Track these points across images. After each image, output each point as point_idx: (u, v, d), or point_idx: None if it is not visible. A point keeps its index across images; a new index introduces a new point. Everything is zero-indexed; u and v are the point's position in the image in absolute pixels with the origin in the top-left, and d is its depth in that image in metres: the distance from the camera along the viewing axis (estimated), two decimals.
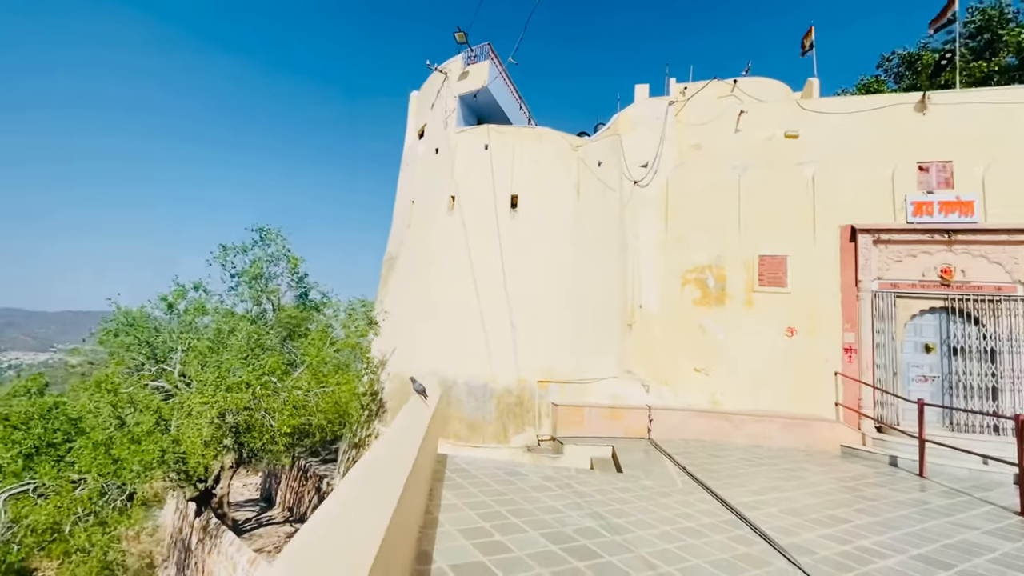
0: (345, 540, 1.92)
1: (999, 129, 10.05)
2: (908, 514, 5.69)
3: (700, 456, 8.15)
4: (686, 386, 10.48)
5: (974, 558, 4.49)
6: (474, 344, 9.57)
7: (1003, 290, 9.36)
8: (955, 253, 9.68)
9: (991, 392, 9.23)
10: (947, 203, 9.82)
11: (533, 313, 9.76)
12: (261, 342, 9.38)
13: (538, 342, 9.66)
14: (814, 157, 10.80)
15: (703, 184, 11.20)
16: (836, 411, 9.82)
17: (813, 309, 10.22)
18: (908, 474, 7.82)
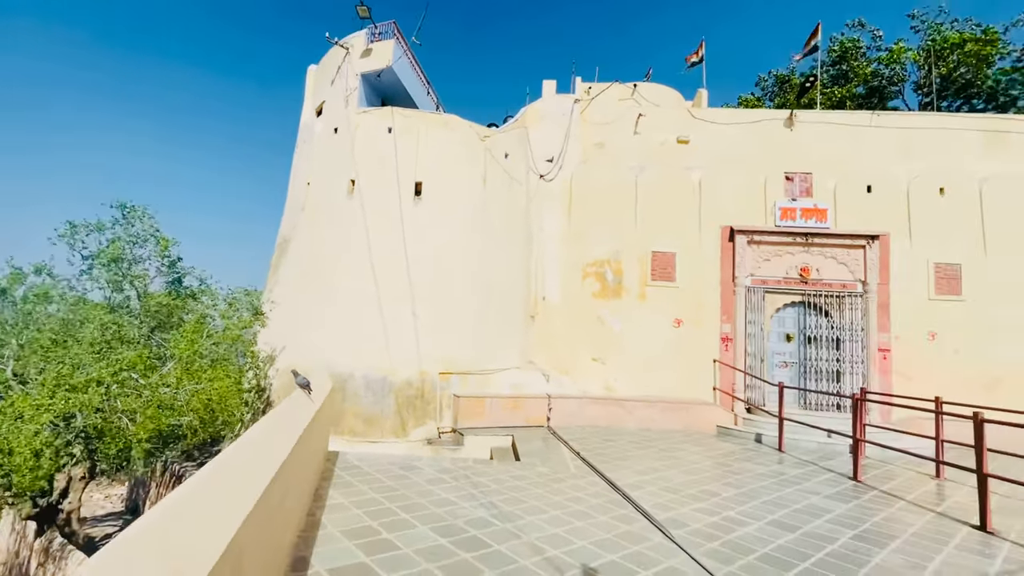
0: (160, 552, 1.65)
1: (848, 148, 11.57)
2: (767, 485, 6.37)
3: (594, 441, 8.52)
4: (584, 375, 10.91)
5: (816, 520, 5.12)
6: (373, 336, 9.17)
7: (847, 287, 10.83)
8: (812, 254, 11.02)
9: (836, 375, 10.67)
10: (807, 210, 11.13)
11: (436, 304, 9.57)
12: (121, 334, 8.21)
13: (441, 333, 9.50)
14: (701, 162, 11.70)
15: (604, 181, 11.67)
16: (714, 395, 10.78)
17: (697, 302, 11.11)
18: (770, 449, 8.78)
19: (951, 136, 11.53)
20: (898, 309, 10.66)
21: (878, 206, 11.05)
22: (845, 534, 4.76)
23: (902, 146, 11.52)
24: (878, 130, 11.67)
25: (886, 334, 10.57)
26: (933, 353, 10.51)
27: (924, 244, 10.85)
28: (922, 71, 15.94)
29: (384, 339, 9.11)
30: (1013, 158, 11.19)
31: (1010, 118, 11.63)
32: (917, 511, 5.63)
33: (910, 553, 4.37)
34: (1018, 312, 10.42)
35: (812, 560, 4.12)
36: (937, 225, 10.89)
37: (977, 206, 10.87)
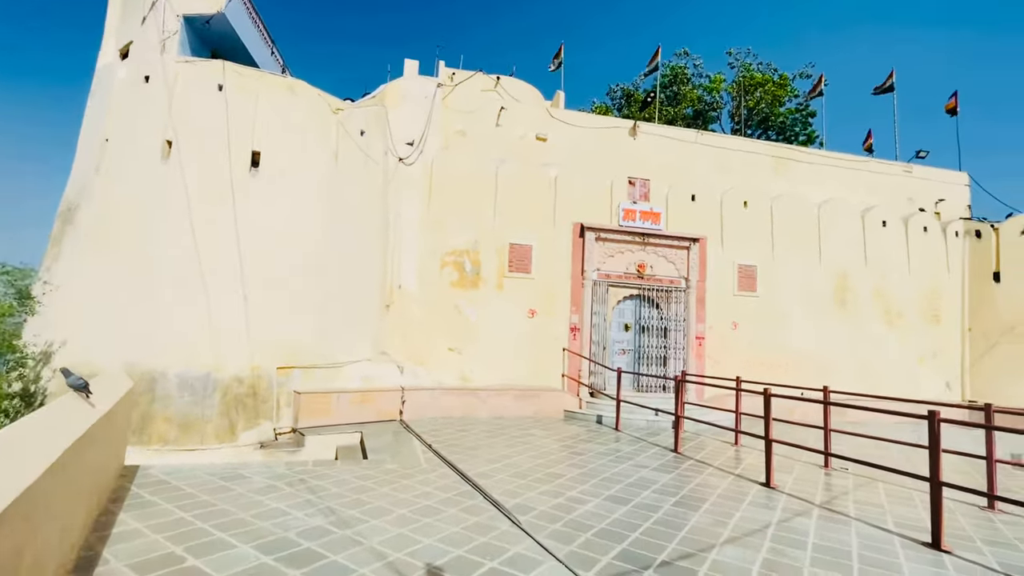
0: None
1: (679, 160, 13.11)
2: (605, 463, 6.88)
3: (448, 432, 8.39)
4: (440, 365, 10.73)
5: (644, 491, 5.63)
6: (193, 326, 7.82)
7: (674, 283, 12.30)
8: (647, 253, 12.28)
9: (663, 360, 12.07)
10: (645, 212, 12.35)
11: (274, 290, 8.52)
12: None
13: (280, 323, 8.49)
14: (557, 160, 12.26)
15: (465, 170, 11.56)
16: (563, 381, 11.42)
17: (551, 294, 11.64)
18: (609, 429, 9.56)
19: (753, 158, 13.76)
20: (712, 303, 12.42)
21: (700, 213, 12.72)
22: (668, 502, 5.30)
23: (718, 163, 13.42)
24: (702, 147, 13.44)
25: (702, 324, 12.25)
26: (735, 340, 12.48)
27: (731, 248, 12.79)
28: (734, 102, 18.91)
29: (208, 329, 7.82)
30: (794, 180, 13.77)
31: (792, 148, 14.30)
32: (721, 475, 6.54)
33: (716, 513, 5.02)
34: (795, 305, 12.87)
35: (641, 529, 4.48)
36: (741, 232, 12.91)
37: (769, 218, 13.14)
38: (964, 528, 4.92)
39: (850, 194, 14.03)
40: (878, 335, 13.19)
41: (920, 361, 13.38)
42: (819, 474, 6.88)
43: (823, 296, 13.10)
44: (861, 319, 13.17)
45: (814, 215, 13.41)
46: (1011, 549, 4.45)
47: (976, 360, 13.66)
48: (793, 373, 12.37)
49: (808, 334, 12.83)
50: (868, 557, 4.09)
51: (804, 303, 12.96)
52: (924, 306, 13.65)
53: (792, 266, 13.04)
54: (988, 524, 5.12)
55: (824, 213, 13.43)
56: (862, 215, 13.72)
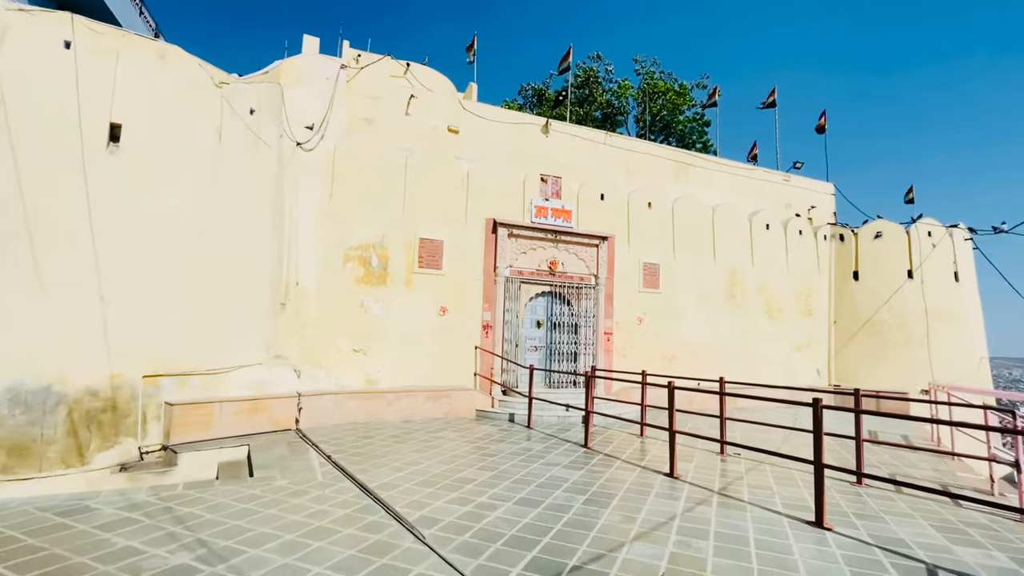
0: None
1: (589, 160, 13.39)
2: (516, 463, 6.71)
3: (350, 440, 7.77)
4: (343, 368, 9.98)
5: (555, 491, 5.52)
6: (29, 329, 6.46)
7: (584, 280, 12.53)
8: (559, 250, 12.38)
9: (574, 356, 12.25)
10: (557, 210, 12.44)
11: (140, 287, 7.32)
12: None
13: (147, 325, 7.31)
14: (470, 154, 11.96)
15: (373, 160, 10.87)
16: (475, 380, 11.16)
17: (462, 290, 11.32)
18: (521, 427, 9.46)
19: (657, 162, 14.45)
20: (619, 299, 12.83)
21: (608, 212, 13.08)
22: (578, 500, 5.23)
23: (625, 165, 13.92)
24: (610, 148, 13.84)
25: (610, 320, 12.61)
26: (640, 335, 13.01)
27: (637, 247, 13.31)
28: (640, 108, 19.85)
29: (49, 333, 6.50)
30: (693, 184, 14.67)
31: (691, 154, 15.23)
32: (629, 468, 6.65)
33: (625, 508, 5.03)
34: (693, 301, 13.70)
35: (552, 533, 4.33)
36: (646, 232, 13.48)
37: (670, 219, 13.86)
38: (840, 504, 5.36)
39: (739, 198, 15.24)
40: (762, 328, 14.45)
41: (796, 349, 14.87)
42: (716, 461, 7.25)
43: (717, 292, 14.08)
44: (748, 313, 14.35)
45: (709, 217, 14.37)
46: (878, 521, 4.90)
47: (839, 349, 15.47)
48: (692, 364, 13.17)
49: (704, 328, 13.73)
50: (763, 541, 4.27)
51: (700, 299, 13.84)
52: (799, 301, 15.19)
53: (690, 264, 13.87)
54: (858, 499, 5.64)
55: (718, 215, 14.44)
56: (750, 218, 14.95)
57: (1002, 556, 4.13)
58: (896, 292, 14.84)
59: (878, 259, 15.29)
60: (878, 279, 15.12)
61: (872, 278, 15.19)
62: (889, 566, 3.87)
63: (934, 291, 14.72)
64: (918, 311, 14.58)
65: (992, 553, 4.17)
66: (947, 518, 5.06)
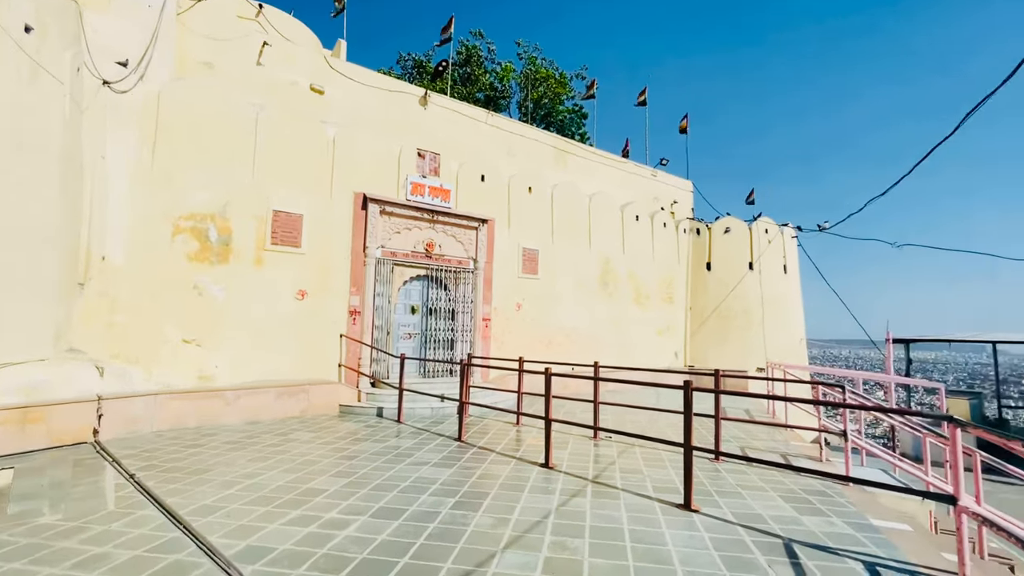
0: None
1: (470, 139, 12.77)
2: (379, 465, 5.93)
3: (169, 451, 6.32)
4: (169, 363, 8.22)
5: (421, 495, 4.88)
6: None
7: (463, 264, 11.95)
8: (436, 231, 11.63)
9: (451, 343, 11.65)
10: (435, 188, 11.65)
11: None
12: None
13: None
14: (337, 119, 10.62)
15: (212, 112, 9.06)
16: (339, 372, 10.02)
17: (326, 272, 10.05)
18: (390, 422, 8.64)
19: (538, 147, 14.33)
20: (498, 284, 12.49)
21: (489, 194, 12.62)
22: (447, 504, 4.65)
23: (506, 147, 13.56)
24: (492, 128, 13.36)
25: (489, 306, 12.22)
26: (518, 321, 12.84)
27: (517, 231, 13.07)
28: (522, 93, 19.72)
29: None
30: (571, 172, 14.84)
31: (571, 142, 15.39)
32: (504, 461, 6.25)
33: (498, 509, 4.56)
34: (570, 287, 13.88)
35: (413, 550, 3.69)
36: (526, 217, 13.30)
37: (550, 205, 13.85)
38: (703, 482, 5.49)
39: (614, 189, 15.82)
40: (632, 313, 15.22)
41: (659, 334, 15.95)
42: (590, 446, 7.19)
43: (592, 279, 14.46)
44: (620, 300, 14.99)
45: (586, 205, 14.67)
46: (737, 497, 5.06)
47: (694, 332, 16.95)
48: (569, 350, 13.37)
49: (581, 313, 14.02)
50: (637, 532, 4.08)
51: (577, 285, 14.10)
52: (663, 289, 16.30)
53: (568, 251, 14.03)
54: (717, 475, 5.86)
55: (594, 204, 14.80)
56: (622, 209, 15.59)
57: (839, 522, 4.43)
58: (740, 281, 16.62)
59: (727, 252, 16.99)
60: (726, 270, 16.80)
61: (722, 269, 16.83)
62: (752, 545, 3.89)
63: (769, 281, 16.76)
64: (756, 298, 16.49)
65: (832, 520, 4.46)
66: (791, 488, 5.43)
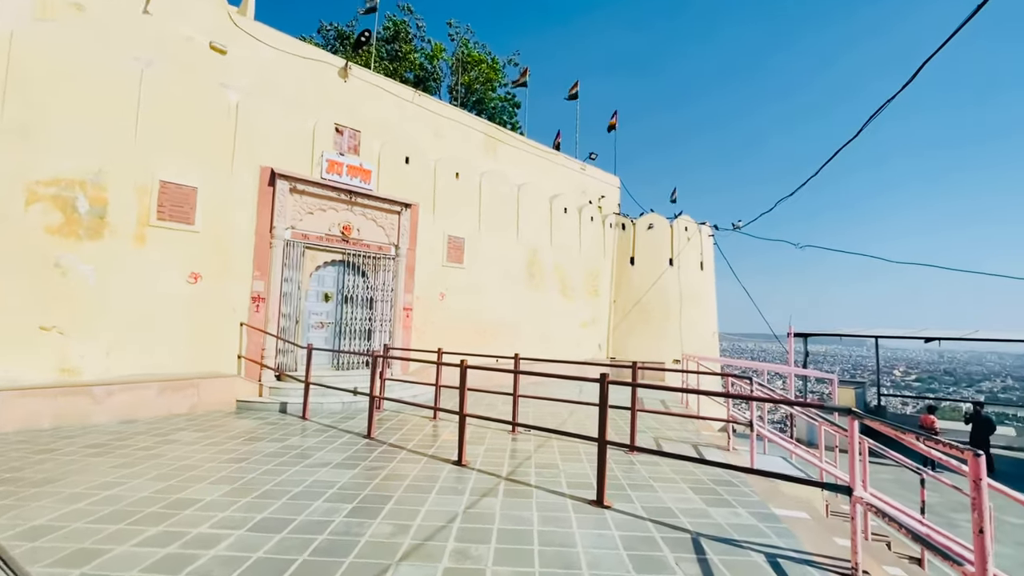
0: None
1: (394, 117, 12.05)
2: (272, 468, 5.32)
3: (11, 458, 5.29)
4: (21, 353, 6.97)
5: (315, 501, 4.38)
6: None
7: (383, 250, 11.28)
8: (355, 214, 10.87)
9: (368, 333, 10.99)
10: (354, 168, 10.87)
11: None
12: None
13: None
14: (242, 84, 9.55)
15: (84, 62, 7.76)
16: (239, 364, 9.09)
17: (225, 253, 9.03)
18: (294, 418, 7.92)
19: (467, 132, 13.85)
20: (421, 272, 11.95)
21: (413, 178, 12.01)
22: (343, 511, 4.19)
23: (434, 129, 12.97)
24: (418, 109, 12.70)
25: (410, 294, 11.66)
26: (442, 311, 12.39)
27: (443, 218, 12.58)
28: (454, 77, 19.08)
29: None
30: (501, 160, 14.52)
31: (501, 129, 15.05)
32: (415, 459, 5.84)
33: (400, 514, 4.17)
34: (496, 277, 13.61)
35: (291, 570, 3.21)
36: (452, 203, 12.83)
37: (478, 192, 13.47)
38: (617, 476, 5.42)
39: (543, 181, 15.71)
40: (557, 305, 15.25)
41: (583, 326, 16.14)
42: (507, 440, 6.96)
43: (518, 270, 14.29)
44: (546, 291, 14.96)
45: (515, 195, 14.44)
46: (649, 490, 5.01)
47: (616, 325, 17.36)
48: (493, 341, 13.12)
49: (506, 304, 13.81)
50: (547, 534, 3.86)
51: (503, 276, 13.87)
52: (589, 282, 16.50)
53: (495, 240, 13.74)
54: (631, 467, 5.83)
55: (523, 194, 14.60)
56: (550, 200, 15.54)
57: (745, 512, 4.49)
58: (661, 276, 17.21)
59: (649, 247, 17.51)
60: (649, 264, 17.32)
61: (644, 263, 17.33)
62: (661, 542, 3.80)
63: (687, 277, 17.49)
64: (675, 293, 17.15)
65: (738, 511, 4.51)
66: (701, 478, 5.50)
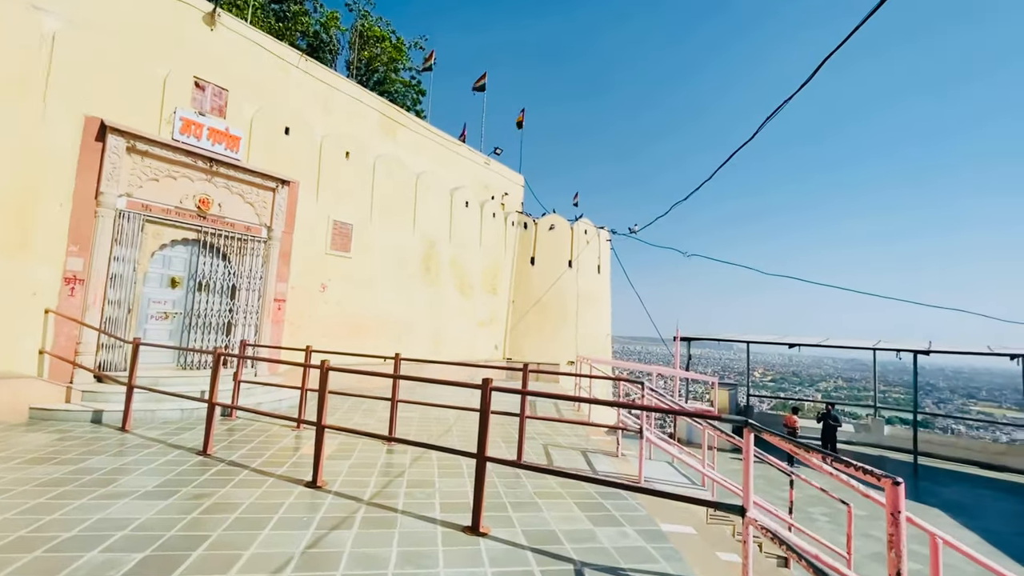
0: None
1: (273, 81, 10.53)
2: (45, 501, 3.97)
3: None
4: None
5: (90, 551, 3.21)
6: None
7: (252, 230, 9.75)
8: (216, 186, 9.25)
9: (226, 328, 9.39)
10: (217, 131, 9.25)
11: None
12: None
13: None
14: (63, 10, 7.60)
15: None
16: (41, 362, 7.17)
17: (22, 219, 7.08)
18: (110, 431, 6.34)
19: (362, 109, 12.62)
20: (299, 260, 10.56)
21: (294, 152, 10.58)
22: (126, 563, 3.09)
23: (323, 101, 11.60)
24: (305, 76, 11.27)
25: (284, 284, 10.22)
26: (322, 303, 11.07)
27: (328, 201, 11.27)
28: (352, 51, 17.53)
29: None
30: (399, 144, 13.46)
31: (401, 112, 13.96)
32: (256, 481, 4.77)
33: (210, 563, 3.17)
34: (389, 270, 12.53)
35: None
36: (341, 186, 11.56)
37: (371, 176, 12.31)
38: (499, 493, 4.82)
39: (445, 171, 14.90)
40: (453, 303, 14.51)
41: (480, 325, 15.57)
42: (381, 452, 6.09)
43: (414, 263, 13.33)
44: (442, 287, 14.15)
45: (413, 183, 13.47)
46: (533, 510, 4.47)
47: (514, 325, 17.04)
48: (380, 339, 12.04)
49: (398, 299, 12.78)
50: None
51: (397, 268, 12.83)
52: (487, 279, 15.97)
53: (389, 230, 12.67)
54: (517, 481, 5.27)
55: (422, 183, 13.67)
56: (451, 192, 14.77)
57: (632, 531, 4.10)
58: (560, 278, 17.20)
59: (550, 248, 17.44)
60: (549, 265, 17.23)
61: (544, 264, 17.22)
62: None
63: (584, 279, 17.69)
64: (573, 295, 17.25)
65: (625, 530, 4.11)
66: (588, 491, 5.09)
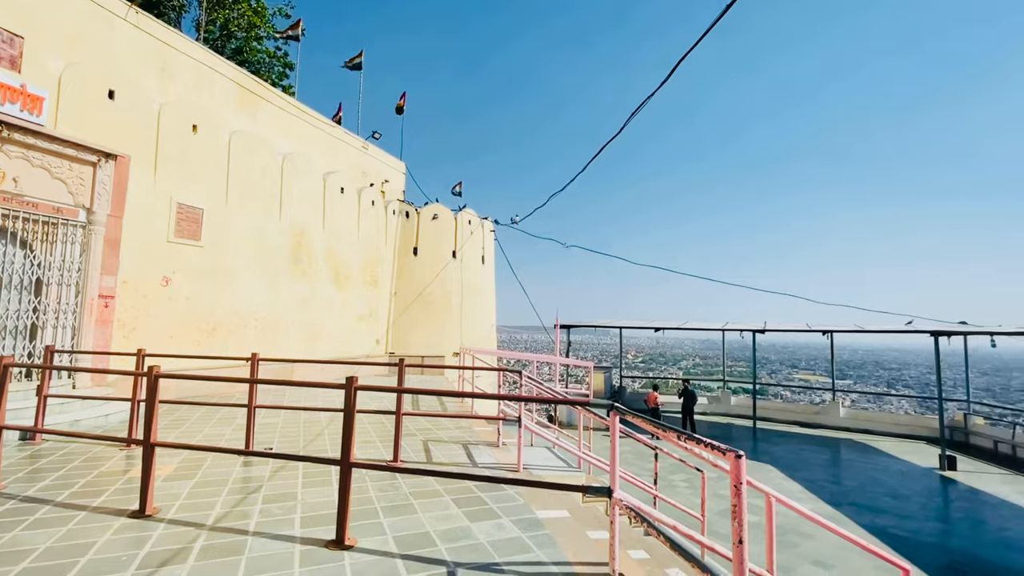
0: None
1: (93, 34, 8.78)
2: None
3: None
4: None
5: None
6: None
7: (64, 212, 8.04)
8: (10, 157, 7.45)
9: (29, 331, 7.66)
10: (10, 88, 7.44)
11: None
12: None
13: None
14: None
15: None
16: None
17: None
18: None
19: (213, 77, 11.08)
20: (132, 249, 8.99)
21: (122, 120, 8.94)
22: None
23: (161, 63, 9.97)
24: (137, 31, 9.57)
25: (112, 277, 8.62)
26: (165, 300, 9.57)
27: (170, 180, 9.73)
28: (202, 13, 15.31)
29: None
30: (261, 121, 12.09)
31: (262, 84, 12.53)
32: (64, 516, 3.89)
33: None
34: (250, 261, 11.21)
35: None
36: (188, 163, 10.06)
37: (226, 154, 10.88)
38: (372, 498, 4.50)
39: (316, 154, 13.76)
40: (328, 296, 13.52)
41: (360, 320, 14.74)
42: (235, 466, 5.38)
43: (280, 253, 12.13)
44: (315, 280, 13.09)
45: (279, 165, 12.21)
46: (407, 512, 4.23)
47: (397, 318, 16.42)
48: (240, 339, 10.78)
49: (262, 294, 11.53)
50: None
51: (261, 259, 11.56)
52: (367, 271, 15.14)
53: (250, 216, 11.34)
54: (392, 483, 4.98)
55: (290, 166, 12.46)
56: (324, 177, 13.69)
57: (508, 523, 4.06)
58: (444, 268, 16.93)
59: (433, 238, 17.06)
60: (432, 256, 16.86)
61: (428, 255, 16.81)
62: None
63: (469, 270, 17.62)
64: (457, 286, 17.09)
65: (502, 522, 4.06)
66: (467, 485, 4.97)
